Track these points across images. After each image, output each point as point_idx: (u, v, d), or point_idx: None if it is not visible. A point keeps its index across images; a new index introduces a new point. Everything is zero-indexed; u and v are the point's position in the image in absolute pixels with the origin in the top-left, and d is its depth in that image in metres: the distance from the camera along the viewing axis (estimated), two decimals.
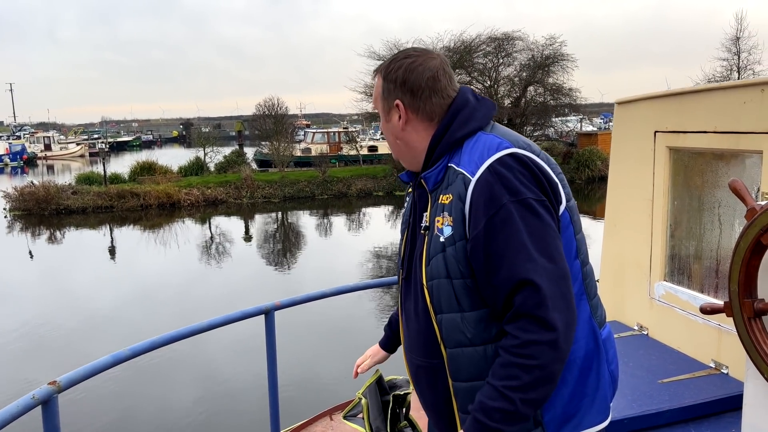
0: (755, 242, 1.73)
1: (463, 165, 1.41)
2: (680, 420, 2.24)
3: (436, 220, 1.43)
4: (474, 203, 1.35)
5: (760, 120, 2.22)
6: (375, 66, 16.73)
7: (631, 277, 3.02)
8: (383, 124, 1.57)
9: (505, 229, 1.31)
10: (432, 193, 1.47)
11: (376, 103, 1.58)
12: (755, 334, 1.77)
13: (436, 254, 1.42)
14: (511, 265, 1.30)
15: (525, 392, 1.28)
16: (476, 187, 1.35)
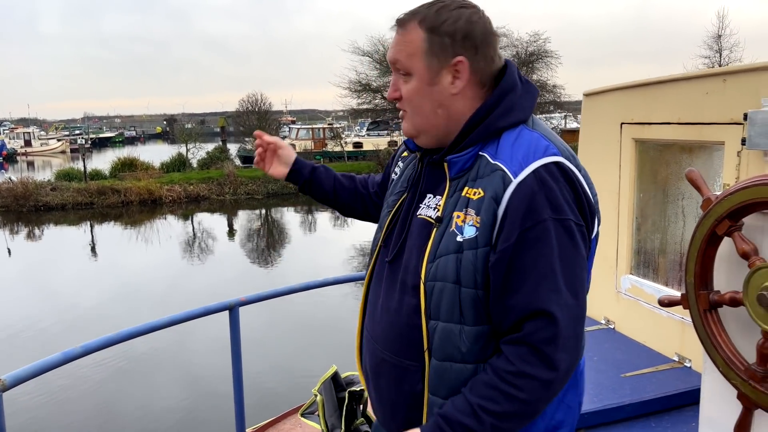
0: (710, 233, 1.69)
1: (503, 161, 1.23)
2: (641, 414, 2.21)
3: (455, 214, 1.24)
4: (511, 209, 1.18)
5: (722, 111, 2.20)
6: (360, 62, 15.86)
7: (598, 271, 2.99)
8: (423, 87, 1.28)
9: (537, 248, 1.17)
10: (453, 180, 1.28)
11: (411, 60, 1.27)
12: (710, 326, 1.74)
13: (447, 254, 1.23)
14: (534, 289, 1.17)
15: (499, 420, 1.17)
16: (518, 191, 1.18)
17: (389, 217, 1.42)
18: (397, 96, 1.33)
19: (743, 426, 1.68)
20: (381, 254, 1.42)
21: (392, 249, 1.36)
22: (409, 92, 1.30)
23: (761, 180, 1.56)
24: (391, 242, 1.38)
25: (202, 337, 8.68)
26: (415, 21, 1.28)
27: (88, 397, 7.72)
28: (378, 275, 1.41)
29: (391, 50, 1.33)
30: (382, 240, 1.42)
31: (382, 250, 1.42)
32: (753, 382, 1.61)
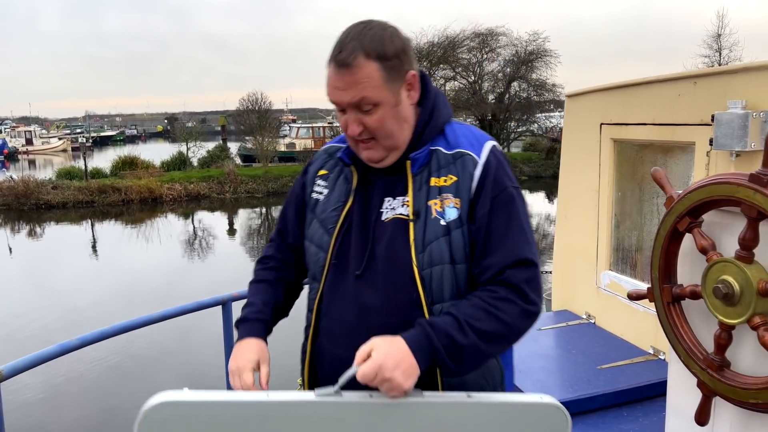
0: (672, 229, 1.78)
1: (464, 147, 1.41)
2: (614, 404, 2.30)
3: (431, 203, 1.37)
4: (482, 184, 1.37)
5: (693, 112, 2.28)
6: None
7: (580, 267, 3.08)
8: (391, 110, 1.36)
9: (507, 210, 1.37)
10: (416, 176, 1.39)
11: (378, 92, 1.33)
12: (673, 318, 1.83)
13: (436, 239, 1.35)
14: (514, 243, 1.34)
15: (481, 337, 1.27)
16: (485, 168, 1.38)
17: (338, 237, 1.44)
18: (360, 129, 1.35)
19: (703, 413, 1.76)
20: (333, 271, 1.44)
21: (359, 261, 1.40)
22: (379, 121, 1.35)
23: (717, 179, 1.64)
24: (350, 256, 1.42)
25: (202, 333, 8.78)
26: (362, 56, 1.31)
27: (88, 394, 7.82)
28: (338, 292, 1.44)
29: (350, 92, 1.32)
30: (331, 257, 1.44)
31: (334, 267, 1.44)
32: (711, 370, 1.69)
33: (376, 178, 1.45)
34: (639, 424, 2.19)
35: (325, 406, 1.17)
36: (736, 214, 1.62)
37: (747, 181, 1.54)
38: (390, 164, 1.42)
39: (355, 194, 1.45)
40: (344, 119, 1.37)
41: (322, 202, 1.51)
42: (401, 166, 1.42)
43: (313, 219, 1.51)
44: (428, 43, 29.65)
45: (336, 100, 1.35)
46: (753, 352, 1.64)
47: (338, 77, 1.32)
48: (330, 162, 1.54)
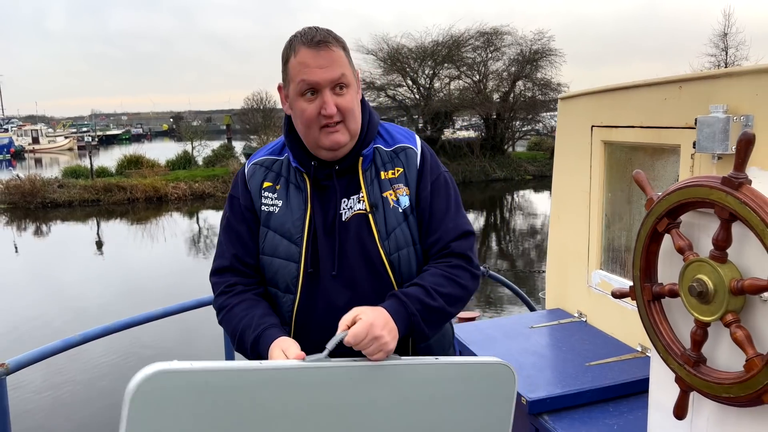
0: (652, 230, 1.84)
1: (403, 141, 1.59)
2: (601, 399, 2.36)
3: (385, 195, 1.50)
4: (422, 170, 1.56)
5: (678, 115, 2.34)
6: (364, 60, 15.99)
7: (572, 266, 3.14)
8: (355, 95, 1.49)
9: (445, 191, 1.57)
10: (365, 172, 1.52)
11: (349, 72, 1.46)
12: (653, 316, 1.89)
13: (398, 225, 1.50)
14: (454, 220, 1.55)
15: (446, 300, 1.45)
16: (422, 157, 1.57)
17: (308, 241, 1.48)
18: (335, 111, 1.43)
19: (680, 407, 1.83)
20: (307, 279, 1.50)
21: (331, 263, 1.48)
22: (350, 102, 1.46)
23: (693, 182, 1.70)
24: (320, 261, 1.49)
25: (204, 332, 8.87)
26: (334, 41, 1.44)
27: (94, 393, 7.92)
28: (315, 298, 1.50)
29: (332, 70, 1.42)
30: (305, 266, 1.49)
31: (308, 275, 1.49)
32: (687, 366, 1.76)
33: (329, 183, 1.52)
34: (624, 419, 2.25)
35: (316, 372, 1.24)
36: (711, 216, 1.68)
37: (720, 183, 1.60)
38: (344, 154, 1.52)
39: (312, 201, 1.52)
40: (315, 104, 1.43)
41: (278, 215, 1.53)
42: (351, 166, 1.53)
43: (268, 232, 1.54)
44: (433, 42, 29.69)
45: (318, 79, 1.41)
46: (728, 349, 1.70)
47: (319, 56, 1.41)
48: (270, 174, 1.57)
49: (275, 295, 1.55)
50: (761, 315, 1.59)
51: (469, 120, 37.00)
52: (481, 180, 28.68)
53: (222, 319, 1.54)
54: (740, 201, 1.53)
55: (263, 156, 1.62)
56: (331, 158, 1.52)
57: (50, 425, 7.10)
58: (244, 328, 1.45)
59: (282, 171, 1.57)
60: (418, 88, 30.54)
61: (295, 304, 1.51)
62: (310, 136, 1.49)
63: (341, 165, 1.51)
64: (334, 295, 1.49)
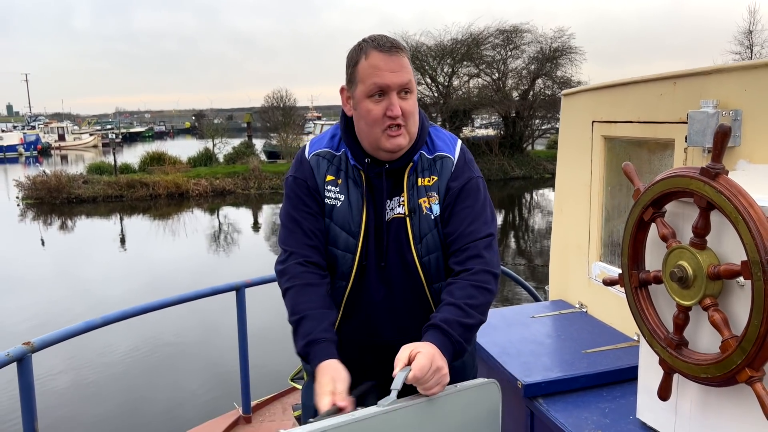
0: (639, 219, 1.92)
1: (442, 149, 1.67)
2: (595, 384, 2.44)
3: (420, 201, 1.60)
4: (455, 177, 1.64)
5: (673, 111, 2.41)
6: None
7: (573, 258, 3.22)
8: (415, 101, 1.59)
9: (474, 195, 1.63)
10: (409, 177, 1.62)
11: (411, 77, 1.56)
12: (640, 302, 1.97)
13: (429, 231, 1.60)
14: (476, 221, 1.61)
15: (479, 311, 1.52)
16: (456, 165, 1.65)
17: (365, 234, 1.61)
18: (400, 113, 1.53)
19: (664, 388, 1.91)
20: (359, 270, 1.63)
21: (380, 256, 1.63)
22: (413, 106, 1.57)
23: (675, 172, 1.78)
24: (369, 253, 1.62)
25: (218, 319, 9.07)
26: (402, 49, 1.55)
27: (116, 385, 8.15)
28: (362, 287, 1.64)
29: (401, 74, 1.52)
30: (360, 258, 1.62)
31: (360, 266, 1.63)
32: (670, 349, 1.84)
33: (378, 182, 1.63)
34: (616, 403, 2.33)
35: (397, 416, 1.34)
36: (692, 205, 1.76)
37: (698, 174, 1.68)
38: (399, 157, 1.61)
39: (367, 198, 1.63)
40: (382, 105, 1.52)
41: (340, 208, 1.63)
42: (399, 169, 1.63)
43: (330, 224, 1.64)
44: (452, 40, 29.68)
45: (388, 82, 1.51)
46: (707, 333, 1.78)
47: (392, 60, 1.51)
48: (332, 168, 1.66)
49: (334, 280, 1.67)
50: (737, 299, 1.67)
51: (488, 118, 36.90)
52: (499, 178, 28.62)
53: (290, 288, 1.59)
54: (716, 190, 1.61)
55: (323, 149, 1.70)
56: (387, 159, 1.61)
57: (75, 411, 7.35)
58: (306, 318, 1.52)
59: (342, 166, 1.65)
60: (437, 86, 30.56)
61: (347, 291, 1.65)
62: (372, 136, 1.58)
63: (392, 165, 1.61)
64: (374, 289, 1.64)
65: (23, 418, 2.42)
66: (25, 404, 2.41)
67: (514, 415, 2.45)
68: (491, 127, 35.00)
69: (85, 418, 7.27)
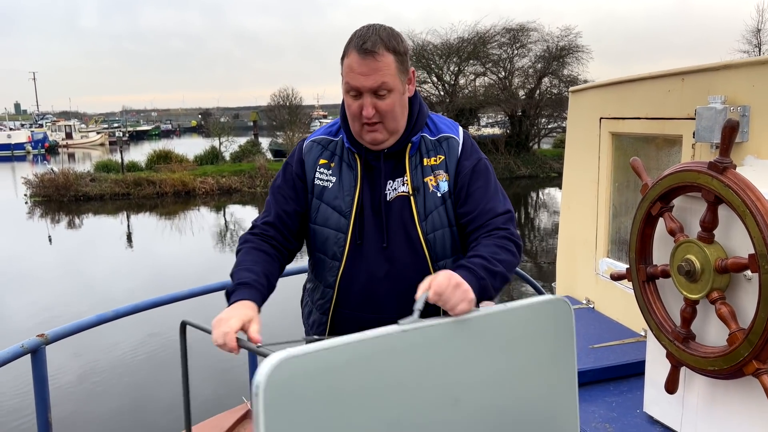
0: (647, 214, 1.94)
1: (447, 132, 1.70)
2: (603, 379, 2.46)
3: (426, 180, 1.64)
4: (463, 157, 1.67)
5: (681, 107, 2.42)
6: None
7: (581, 255, 3.23)
8: (399, 98, 1.60)
9: (485, 175, 1.67)
10: (411, 158, 1.66)
11: (393, 79, 1.57)
12: (647, 296, 1.99)
13: (435, 208, 1.63)
14: (493, 199, 1.64)
15: (504, 266, 1.53)
16: (464, 146, 1.68)
17: (359, 216, 1.64)
18: (374, 112, 1.57)
19: (671, 381, 1.92)
20: (353, 249, 1.66)
21: (380, 236, 1.64)
22: (390, 105, 1.59)
23: (683, 167, 1.80)
24: (366, 233, 1.65)
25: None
26: (383, 47, 1.55)
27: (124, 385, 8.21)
28: (360, 265, 1.66)
29: (373, 77, 1.55)
30: (352, 237, 1.65)
31: (355, 246, 1.65)
32: (677, 342, 1.85)
33: (377, 164, 1.66)
34: (623, 397, 2.35)
35: (412, 334, 1.32)
36: (700, 200, 1.77)
37: (706, 168, 1.69)
38: (388, 146, 1.65)
39: (362, 180, 1.67)
40: (358, 103, 1.58)
41: (331, 189, 1.69)
42: (399, 151, 1.66)
43: (321, 204, 1.70)
44: (458, 39, 29.64)
45: (358, 84, 1.56)
46: (715, 326, 1.79)
47: (363, 63, 1.54)
48: (326, 152, 1.72)
49: (323, 261, 1.72)
50: (744, 292, 1.68)
51: (495, 117, 36.83)
52: (505, 177, 28.56)
53: (239, 250, 1.72)
54: (724, 184, 1.63)
55: (321, 135, 1.79)
56: (371, 148, 1.67)
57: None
58: (244, 269, 1.61)
59: (336, 150, 1.71)
60: (443, 85, 30.52)
61: (340, 270, 1.68)
62: (354, 128, 1.66)
63: (390, 149, 1.66)
64: (375, 266, 1.66)
65: (37, 409, 2.45)
66: (38, 395, 2.44)
67: None
68: (497, 126, 34.92)
69: (94, 414, 7.33)
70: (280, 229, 1.74)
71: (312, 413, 1.22)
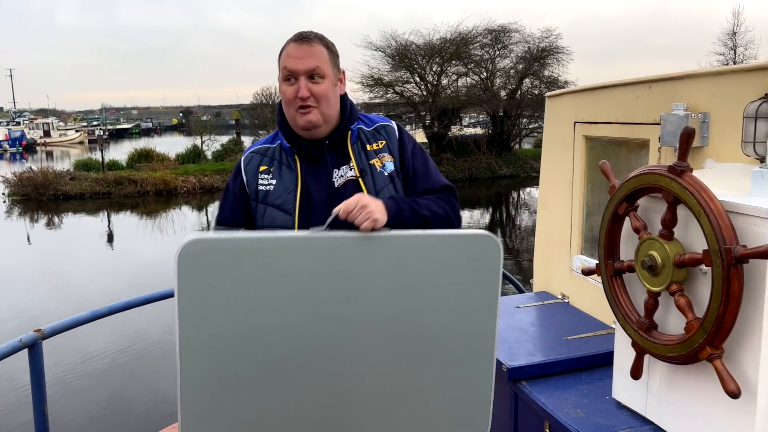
0: (614, 213, 2.09)
1: (381, 122, 1.88)
2: (575, 368, 2.61)
3: (371, 162, 1.80)
4: (402, 140, 1.85)
5: (648, 113, 2.58)
6: (373, 56, 16.40)
7: (556, 252, 3.39)
8: (331, 87, 1.75)
9: (423, 156, 1.87)
10: (353, 145, 1.82)
11: (326, 66, 1.73)
12: (615, 289, 2.14)
13: (384, 186, 1.77)
14: (435, 176, 1.85)
15: (431, 214, 1.73)
16: (400, 131, 1.87)
17: (307, 205, 1.77)
18: (308, 95, 1.72)
19: (636, 368, 2.08)
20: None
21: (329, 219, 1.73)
22: (324, 90, 1.74)
23: (646, 170, 1.95)
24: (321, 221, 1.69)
25: None
26: (317, 40, 1.74)
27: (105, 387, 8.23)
28: None
29: (307, 60, 1.71)
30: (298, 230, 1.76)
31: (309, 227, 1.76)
32: (641, 331, 2.01)
33: (322, 155, 1.81)
34: (594, 385, 2.50)
35: (318, 241, 1.49)
36: (661, 199, 1.92)
37: (666, 171, 1.84)
38: (326, 135, 1.80)
39: (304, 176, 1.80)
40: (293, 88, 1.73)
41: (273, 192, 1.82)
42: (341, 140, 1.82)
43: (266, 208, 1.82)
44: (441, 39, 29.85)
45: (294, 67, 1.72)
46: (675, 316, 1.95)
47: (299, 49, 1.73)
48: (265, 159, 1.86)
49: None
50: (700, 284, 1.84)
51: (477, 117, 37.13)
52: (487, 177, 28.86)
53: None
54: (682, 186, 1.78)
55: (259, 146, 1.93)
56: (310, 137, 1.80)
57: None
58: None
59: (275, 155, 1.85)
60: (426, 85, 30.71)
61: None
62: (289, 115, 1.79)
63: (331, 139, 1.81)
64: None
65: (34, 402, 2.54)
66: (35, 389, 2.53)
67: (499, 397, 2.61)
68: (479, 126, 35.24)
69: (87, 409, 7.36)
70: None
71: (219, 289, 1.43)
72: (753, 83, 2.07)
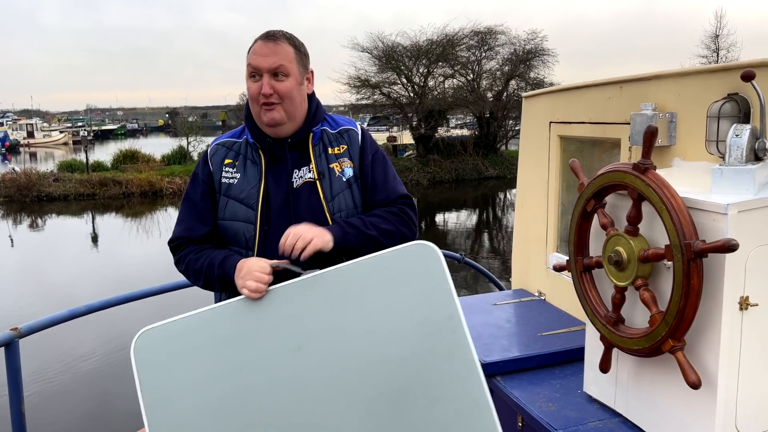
0: (583, 210, 2.14)
1: (345, 126, 1.89)
2: (548, 363, 2.66)
3: (331, 166, 1.81)
4: (363, 147, 1.86)
5: (619, 113, 2.64)
6: (360, 58, 16.46)
7: (533, 250, 3.44)
8: (296, 86, 1.76)
9: (384, 163, 1.87)
10: (315, 147, 1.83)
11: (291, 65, 1.74)
12: (584, 285, 2.19)
13: (341, 191, 1.78)
14: (393, 185, 1.86)
15: (380, 232, 1.74)
16: (362, 137, 1.87)
17: (264, 202, 1.78)
18: (271, 92, 1.73)
19: (605, 362, 2.13)
20: (263, 237, 1.78)
21: (286, 221, 1.74)
22: (288, 88, 1.76)
23: (613, 168, 2.00)
24: (275, 221, 1.77)
25: None
26: (284, 38, 1.76)
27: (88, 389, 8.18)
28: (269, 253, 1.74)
29: (271, 58, 1.73)
30: (261, 225, 1.77)
31: (264, 234, 1.77)
32: (609, 325, 2.06)
33: (283, 154, 1.83)
34: (567, 380, 2.55)
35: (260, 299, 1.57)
36: (627, 196, 1.97)
37: (631, 169, 1.89)
38: (290, 134, 1.81)
39: (266, 172, 1.83)
40: (257, 85, 1.76)
41: (236, 185, 1.83)
42: (302, 141, 1.83)
43: (228, 200, 1.83)
44: (427, 41, 29.95)
45: (258, 64, 1.75)
46: (640, 310, 2.00)
47: (265, 47, 1.76)
48: (231, 153, 1.88)
49: (238, 252, 1.83)
50: (664, 279, 1.89)
51: (463, 118, 37.27)
52: (473, 178, 28.99)
53: (186, 265, 1.84)
54: (645, 183, 1.83)
55: (225, 138, 1.95)
56: (274, 134, 1.81)
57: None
58: (213, 257, 1.77)
59: (241, 150, 1.87)
60: (413, 86, 30.78)
61: (255, 247, 1.79)
62: (254, 111, 1.81)
63: (293, 138, 1.82)
64: (271, 245, 1.77)
65: (10, 400, 2.54)
66: (12, 387, 2.53)
67: None
68: (466, 128, 35.36)
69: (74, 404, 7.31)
70: (192, 241, 1.88)
71: (176, 368, 1.53)
72: (717, 84, 2.13)
